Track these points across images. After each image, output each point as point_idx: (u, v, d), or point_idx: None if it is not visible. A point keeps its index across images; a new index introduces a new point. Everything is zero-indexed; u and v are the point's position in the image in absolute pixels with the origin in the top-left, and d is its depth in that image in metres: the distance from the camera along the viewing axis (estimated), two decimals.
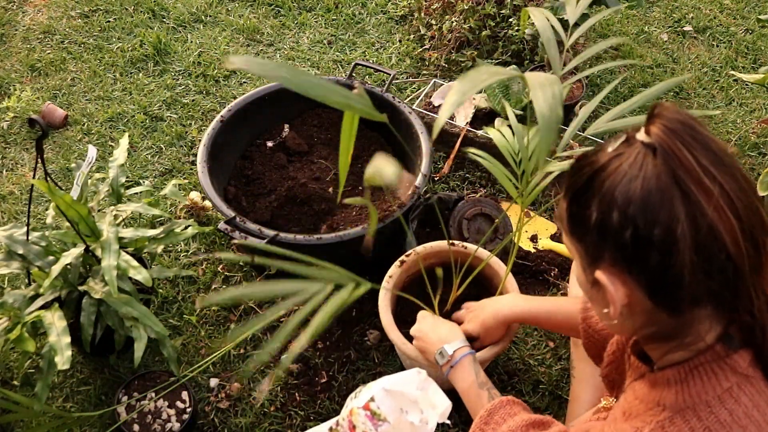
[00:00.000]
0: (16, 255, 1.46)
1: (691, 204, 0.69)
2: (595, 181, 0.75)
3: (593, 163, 0.76)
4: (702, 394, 0.76)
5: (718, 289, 0.72)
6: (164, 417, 1.49)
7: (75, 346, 1.53)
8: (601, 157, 0.76)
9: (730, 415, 0.75)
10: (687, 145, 0.71)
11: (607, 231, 0.74)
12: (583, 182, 0.76)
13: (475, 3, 2.35)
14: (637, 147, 0.73)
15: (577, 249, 0.81)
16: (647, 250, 0.71)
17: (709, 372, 0.77)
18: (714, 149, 0.72)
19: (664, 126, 0.72)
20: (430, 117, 2.11)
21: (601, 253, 0.76)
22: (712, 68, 2.45)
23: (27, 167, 2.10)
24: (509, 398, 1.15)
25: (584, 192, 0.76)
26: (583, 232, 0.78)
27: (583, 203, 0.76)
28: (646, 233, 0.71)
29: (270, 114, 1.94)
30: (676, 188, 0.70)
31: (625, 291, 0.76)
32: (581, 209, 0.77)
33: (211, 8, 2.63)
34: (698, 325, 0.76)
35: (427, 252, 1.54)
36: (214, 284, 1.80)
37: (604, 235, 0.75)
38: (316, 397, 1.60)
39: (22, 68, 2.39)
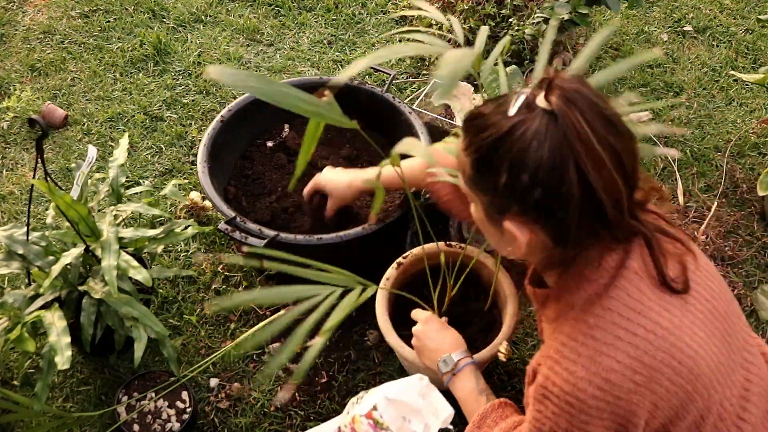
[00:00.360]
0: (16, 255, 1.46)
1: (583, 168, 0.81)
2: (502, 145, 0.84)
3: (497, 127, 0.85)
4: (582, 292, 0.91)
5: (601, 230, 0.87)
6: (164, 417, 1.49)
7: (75, 346, 1.53)
8: (503, 122, 0.84)
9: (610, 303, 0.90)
10: (583, 114, 0.81)
11: (516, 190, 0.85)
12: (489, 144, 0.86)
13: (475, 3, 2.35)
14: (538, 114, 0.83)
15: (481, 199, 0.93)
16: (553, 205, 0.84)
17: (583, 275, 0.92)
18: (607, 115, 0.83)
19: (563, 95, 0.82)
20: (429, 117, 2.11)
21: (509, 206, 0.88)
22: (712, 68, 2.45)
23: (27, 167, 2.10)
24: (502, 401, 1.16)
25: (491, 154, 0.86)
26: (490, 188, 0.89)
27: (490, 164, 0.87)
28: (553, 192, 0.83)
29: (270, 114, 1.94)
30: (573, 153, 0.81)
31: (530, 235, 0.90)
32: (488, 169, 0.87)
33: (211, 8, 2.63)
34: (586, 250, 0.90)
35: (425, 253, 1.54)
36: (214, 284, 1.80)
37: (512, 194, 0.86)
38: (316, 397, 1.60)
39: (22, 68, 2.39)
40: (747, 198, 2.04)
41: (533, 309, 1.76)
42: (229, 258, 0.86)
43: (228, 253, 1.87)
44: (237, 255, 1.45)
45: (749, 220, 1.99)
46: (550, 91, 0.83)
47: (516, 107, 0.84)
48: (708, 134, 2.22)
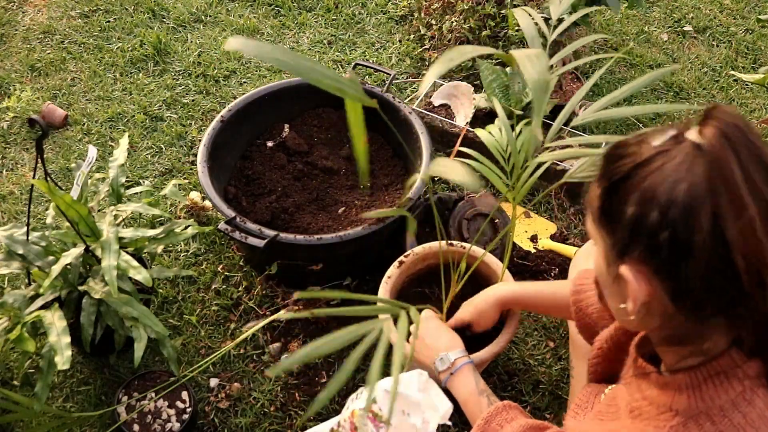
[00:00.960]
0: (16, 255, 1.46)
1: (720, 218, 0.67)
2: (636, 175, 0.72)
3: (635, 155, 0.73)
4: (716, 399, 0.76)
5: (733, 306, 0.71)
6: (164, 417, 1.49)
7: (75, 346, 1.53)
8: (644, 150, 0.73)
9: (744, 417, 0.74)
10: (738, 155, 0.68)
11: (642, 229, 0.72)
12: (623, 174, 0.74)
13: (475, 3, 2.35)
14: (686, 147, 0.70)
15: (603, 238, 0.79)
16: (681, 255, 0.69)
17: (723, 377, 0.76)
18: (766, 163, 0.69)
19: (719, 130, 0.69)
20: (430, 117, 2.11)
21: (631, 248, 0.74)
22: (712, 68, 2.45)
23: (27, 167, 2.10)
24: (507, 403, 1.15)
25: (622, 184, 0.74)
26: (615, 224, 0.75)
27: (620, 195, 0.74)
28: (684, 239, 0.69)
29: (270, 114, 1.94)
30: (721, 199, 0.67)
31: (648, 290, 0.74)
32: (617, 201, 0.74)
33: (211, 8, 2.63)
34: (714, 333, 0.75)
35: (426, 252, 1.54)
36: (215, 284, 1.80)
37: (637, 232, 0.72)
38: (316, 397, 1.60)
39: (22, 68, 2.39)
40: None
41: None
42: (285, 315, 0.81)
43: (228, 252, 1.87)
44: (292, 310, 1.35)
45: None
46: (705, 123, 0.71)
47: (663, 138, 0.73)
48: None
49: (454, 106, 2.18)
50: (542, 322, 1.74)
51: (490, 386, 1.25)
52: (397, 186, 1.86)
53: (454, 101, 2.18)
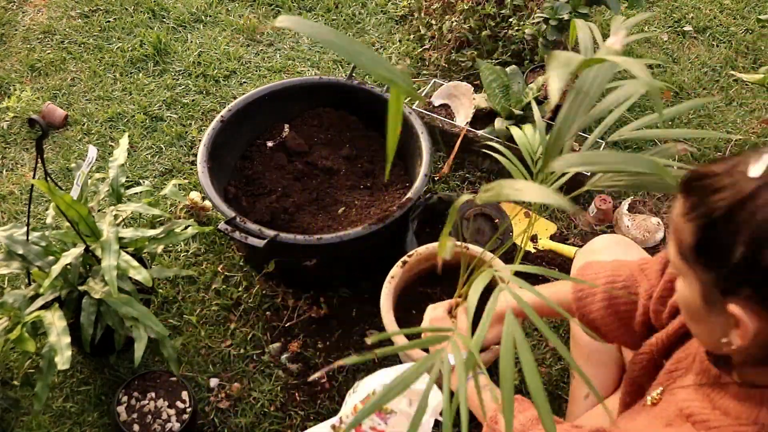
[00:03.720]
0: (16, 255, 1.46)
1: None
2: (740, 211, 0.70)
3: (733, 189, 0.71)
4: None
5: None
6: (164, 417, 1.49)
7: (75, 346, 1.53)
8: (742, 183, 0.70)
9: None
10: None
11: (756, 268, 0.70)
12: (724, 210, 0.71)
13: (475, 3, 2.35)
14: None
15: (698, 274, 0.76)
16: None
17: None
18: None
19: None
20: (430, 117, 2.11)
21: (740, 286, 0.72)
22: (712, 68, 2.45)
23: (27, 167, 2.10)
24: (518, 396, 1.15)
25: (725, 222, 0.71)
26: (718, 262, 0.73)
27: (723, 233, 0.71)
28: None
29: (270, 114, 1.94)
30: None
31: (758, 323, 0.73)
32: (719, 239, 0.72)
33: (211, 8, 2.63)
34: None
35: (430, 252, 1.54)
36: (214, 284, 1.80)
37: (749, 273, 0.70)
38: (316, 397, 1.60)
39: (22, 68, 2.39)
40: None
41: None
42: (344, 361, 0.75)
43: (228, 252, 1.87)
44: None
45: None
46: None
47: (762, 167, 0.70)
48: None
49: (454, 106, 2.18)
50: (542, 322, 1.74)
51: None
52: (398, 186, 1.86)
53: (454, 101, 2.18)
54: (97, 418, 1.56)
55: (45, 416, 1.56)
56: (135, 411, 1.49)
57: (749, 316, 0.73)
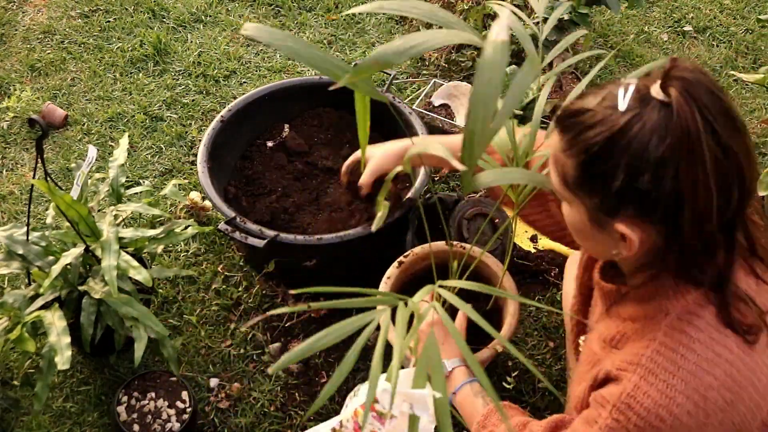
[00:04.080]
0: (16, 255, 1.46)
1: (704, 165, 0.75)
2: (616, 144, 0.77)
3: (608, 123, 0.78)
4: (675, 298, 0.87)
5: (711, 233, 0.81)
6: (164, 417, 1.49)
7: (75, 346, 1.53)
8: (615, 117, 0.77)
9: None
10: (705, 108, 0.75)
11: (635, 191, 0.78)
12: (602, 144, 0.78)
13: (475, 3, 2.35)
14: (655, 107, 0.76)
15: (585, 202, 0.85)
16: (676, 206, 0.78)
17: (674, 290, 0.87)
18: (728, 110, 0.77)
19: (683, 86, 0.75)
20: (430, 117, 2.11)
21: (623, 207, 0.81)
22: (712, 68, 2.45)
23: (27, 167, 2.10)
24: (506, 403, 1.16)
25: (604, 154, 0.79)
26: (601, 189, 0.81)
27: (602, 165, 0.79)
28: (674, 191, 0.77)
29: (270, 114, 1.94)
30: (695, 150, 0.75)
31: (644, 237, 0.83)
32: (600, 170, 0.80)
33: (211, 8, 2.63)
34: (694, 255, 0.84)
35: (426, 252, 1.54)
36: (214, 284, 1.80)
37: (630, 194, 0.79)
38: (316, 397, 1.60)
39: (22, 68, 2.39)
40: None
41: (533, 309, 1.76)
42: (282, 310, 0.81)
43: (228, 252, 1.87)
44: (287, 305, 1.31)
45: None
46: (668, 81, 0.76)
47: (627, 100, 0.77)
48: None
49: (454, 106, 2.18)
50: (542, 322, 1.74)
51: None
52: (397, 185, 1.86)
53: (454, 101, 2.18)
54: (97, 418, 1.56)
55: (45, 416, 1.56)
56: (135, 411, 1.50)
57: (633, 230, 0.82)
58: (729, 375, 0.83)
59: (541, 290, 1.81)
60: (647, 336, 0.87)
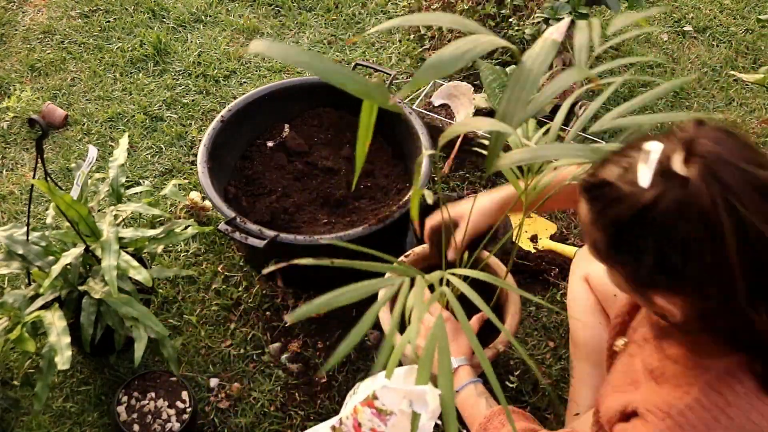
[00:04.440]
0: (16, 255, 1.46)
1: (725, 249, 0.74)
2: (644, 219, 0.77)
3: (632, 200, 0.77)
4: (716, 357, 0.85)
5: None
6: (164, 417, 1.49)
7: (75, 346, 1.53)
8: (639, 194, 0.77)
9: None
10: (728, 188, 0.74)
11: (666, 266, 0.77)
12: (629, 219, 0.78)
13: (475, 3, 2.35)
14: (677, 183, 0.75)
15: (620, 269, 0.85)
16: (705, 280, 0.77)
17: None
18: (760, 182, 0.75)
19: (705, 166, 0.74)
20: (430, 117, 2.11)
21: (657, 281, 0.80)
22: (712, 68, 2.45)
23: (27, 167, 2.10)
24: (511, 408, 1.14)
25: (631, 230, 0.79)
26: (632, 262, 0.81)
27: (631, 240, 0.79)
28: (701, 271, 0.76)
29: (270, 114, 1.94)
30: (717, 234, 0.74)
31: (683, 309, 0.82)
32: (629, 244, 0.80)
33: (211, 8, 2.63)
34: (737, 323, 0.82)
35: (427, 252, 1.54)
36: (214, 284, 1.80)
37: (661, 269, 0.78)
38: (316, 397, 1.60)
39: (22, 68, 2.39)
40: None
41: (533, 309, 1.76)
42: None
43: (228, 252, 1.87)
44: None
45: None
46: (691, 156, 0.75)
47: (649, 177, 0.76)
48: None
49: (454, 106, 2.18)
50: (542, 322, 1.74)
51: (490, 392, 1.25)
52: (398, 186, 1.86)
53: (454, 101, 2.18)
54: (97, 418, 1.56)
55: (45, 416, 1.56)
56: (135, 411, 1.50)
57: (670, 301, 0.81)
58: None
59: (541, 290, 1.81)
60: (684, 386, 0.85)
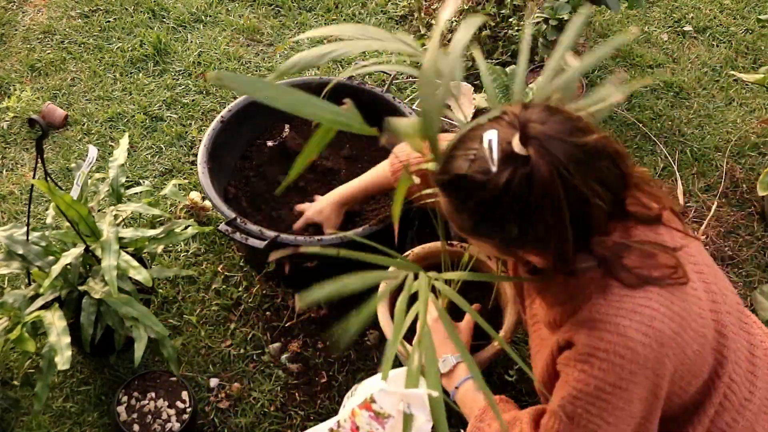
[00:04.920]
0: (16, 255, 1.46)
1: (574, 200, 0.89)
2: (504, 198, 0.89)
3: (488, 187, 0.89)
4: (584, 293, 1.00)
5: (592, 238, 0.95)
6: (164, 417, 1.49)
7: (75, 346, 1.53)
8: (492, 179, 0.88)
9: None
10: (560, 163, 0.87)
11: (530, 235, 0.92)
12: (488, 205, 0.90)
13: (475, 3, 2.35)
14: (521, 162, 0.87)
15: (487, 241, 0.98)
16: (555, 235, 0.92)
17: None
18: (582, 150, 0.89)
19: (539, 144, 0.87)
20: None
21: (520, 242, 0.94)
22: (712, 68, 2.45)
23: (27, 167, 2.10)
24: (501, 397, 1.19)
25: (495, 208, 0.90)
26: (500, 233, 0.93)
27: (495, 219, 0.92)
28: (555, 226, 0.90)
29: (270, 114, 1.92)
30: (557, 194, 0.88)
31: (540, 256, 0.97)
32: (494, 222, 0.92)
33: (211, 8, 2.63)
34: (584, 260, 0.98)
35: (426, 252, 1.54)
36: (214, 284, 1.80)
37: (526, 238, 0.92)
38: (316, 397, 1.61)
39: (22, 68, 2.39)
40: (747, 198, 2.04)
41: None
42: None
43: (228, 252, 1.87)
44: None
45: (749, 220, 1.99)
46: (526, 137, 0.88)
47: (496, 161, 0.88)
48: (708, 134, 2.22)
49: (453, 106, 2.18)
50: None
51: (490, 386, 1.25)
52: None
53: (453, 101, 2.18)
54: (97, 418, 1.56)
55: (45, 416, 1.56)
56: (135, 411, 1.50)
57: (533, 255, 0.97)
58: (667, 307, 0.94)
59: None
60: (578, 307, 0.98)
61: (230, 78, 0.78)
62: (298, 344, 1.69)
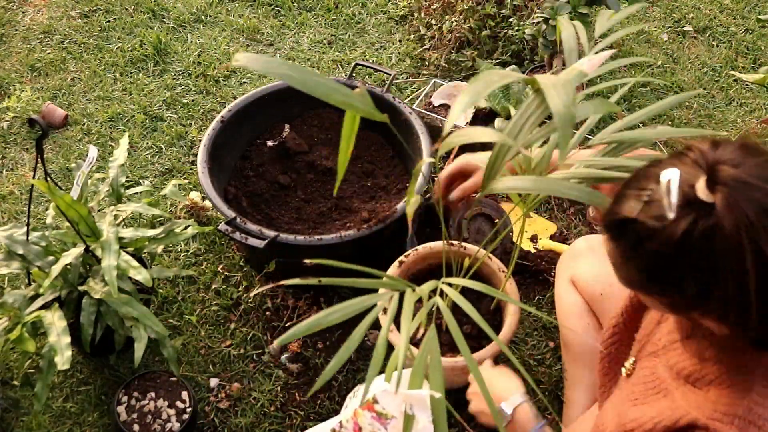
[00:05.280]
0: (16, 255, 1.46)
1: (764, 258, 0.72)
2: (681, 252, 0.74)
3: (663, 236, 0.75)
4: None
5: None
6: (164, 417, 1.49)
7: (75, 346, 1.53)
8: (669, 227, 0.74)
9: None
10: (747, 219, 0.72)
11: (710, 299, 0.76)
12: (666, 254, 0.76)
13: (475, 3, 2.35)
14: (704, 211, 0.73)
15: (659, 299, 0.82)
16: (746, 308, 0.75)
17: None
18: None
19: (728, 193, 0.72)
20: (430, 117, 2.11)
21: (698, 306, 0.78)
22: (712, 68, 2.45)
23: (27, 167, 2.10)
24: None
25: (671, 262, 0.76)
26: (673, 294, 0.79)
27: (670, 274, 0.77)
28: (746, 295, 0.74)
29: (270, 114, 1.94)
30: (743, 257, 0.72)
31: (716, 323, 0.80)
32: (668, 278, 0.77)
33: (211, 8, 2.63)
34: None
35: (426, 252, 1.54)
36: (214, 284, 1.80)
37: (705, 302, 0.77)
38: (316, 397, 1.60)
39: (22, 68, 2.39)
40: None
41: None
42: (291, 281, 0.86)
43: (228, 252, 1.87)
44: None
45: None
46: (714, 183, 0.73)
47: (674, 207, 0.74)
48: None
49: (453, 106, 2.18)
50: (542, 322, 1.74)
51: None
52: (398, 186, 1.86)
53: (453, 101, 2.18)
54: (97, 418, 1.56)
55: (45, 416, 1.56)
56: (135, 411, 1.50)
57: (713, 322, 0.80)
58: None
59: (540, 290, 1.81)
60: (737, 385, 0.84)
61: (248, 58, 0.79)
62: (298, 344, 1.69)
